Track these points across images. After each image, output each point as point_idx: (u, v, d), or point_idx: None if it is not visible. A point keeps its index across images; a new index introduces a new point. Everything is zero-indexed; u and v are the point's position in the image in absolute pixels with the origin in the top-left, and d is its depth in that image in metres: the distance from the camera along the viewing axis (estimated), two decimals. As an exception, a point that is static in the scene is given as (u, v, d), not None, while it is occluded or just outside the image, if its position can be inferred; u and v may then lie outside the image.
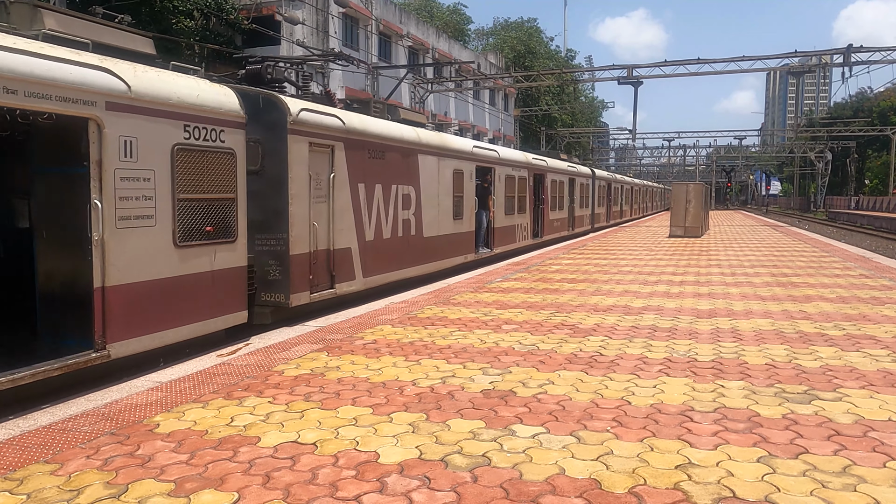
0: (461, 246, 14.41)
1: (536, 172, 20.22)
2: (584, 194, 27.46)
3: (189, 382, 5.08)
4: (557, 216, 23.10)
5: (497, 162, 16.59)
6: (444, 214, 13.32)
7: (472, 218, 14.96)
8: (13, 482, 3.32)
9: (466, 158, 14.63)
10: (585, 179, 27.68)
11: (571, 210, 24.92)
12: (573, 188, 25.25)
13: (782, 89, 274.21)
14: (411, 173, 12.06)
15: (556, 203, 22.82)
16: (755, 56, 26.62)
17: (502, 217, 17.11)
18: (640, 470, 3.43)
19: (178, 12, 25.19)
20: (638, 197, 48.61)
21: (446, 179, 13.54)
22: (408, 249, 11.85)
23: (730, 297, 9.29)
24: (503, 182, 16.92)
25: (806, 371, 5.34)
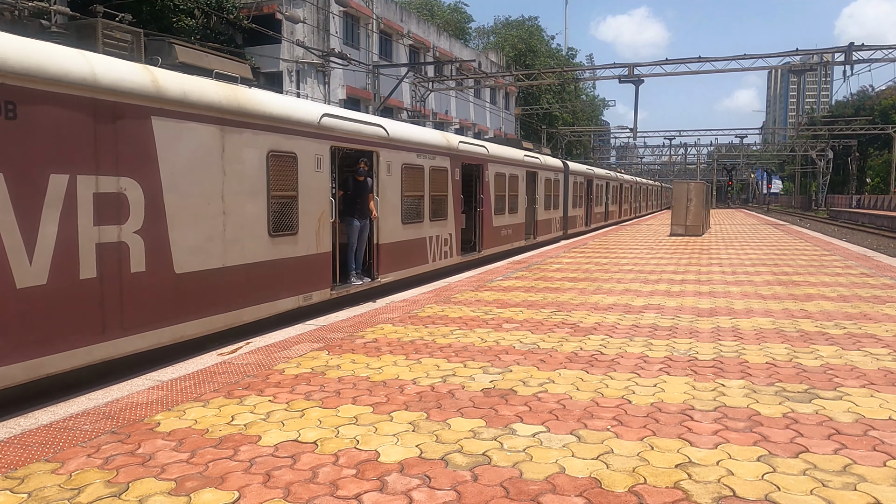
0: (289, 281, 8.76)
1: (469, 162, 15.16)
2: (551, 192, 22.45)
3: (190, 381, 5.08)
4: (508, 222, 17.97)
5: (384, 143, 11.18)
6: (238, 229, 7.82)
7: (322, 231, 9.42)
8: (14, 481, 3.32)
9: (304, 133, 9.01)
10: (554, 174, 22.68)
11: (532, 213, 20.30)
12: (534, 184, 20.51)
13: (784, 88, 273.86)
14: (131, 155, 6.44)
15: (505, 204, 17.77)
16: (756, 54, 26.58)
17: (397, 227, 11.75)
18: (641, 469, 3.43)
19: (179, 11, 25.18)
20: (629, 196, 43.38)
21: (247, 168, 7.92)
22: (103, 301, 6.14)
23: (730, 295, 9.29)
24: (398, 174, 11.74)
25: (806, 370, 5.34)
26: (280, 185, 8.56)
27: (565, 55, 72.17)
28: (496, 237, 17.24)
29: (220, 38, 27.26)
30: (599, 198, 32.00)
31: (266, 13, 28.57)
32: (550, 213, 22.59)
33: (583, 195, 27.94)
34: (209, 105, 7.41)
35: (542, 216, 21.42)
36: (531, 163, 20.18)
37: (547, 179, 21.93)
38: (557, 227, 23.74)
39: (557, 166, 23.73)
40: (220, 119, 7.55)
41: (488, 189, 16.39)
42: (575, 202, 26.36)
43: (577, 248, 17.47)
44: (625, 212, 41.40)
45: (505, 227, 17.81)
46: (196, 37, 25.35)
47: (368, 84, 30.48)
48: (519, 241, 19.10)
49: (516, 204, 18.67)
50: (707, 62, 26.86)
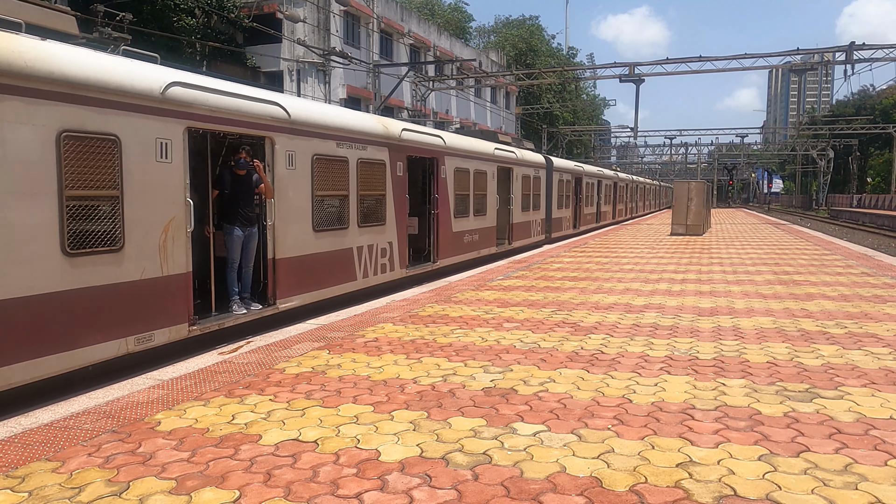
0: (106, 318, 6.23)
1: (419, 154, 12.62)
2: (530, 191, 19.83)
3: (190, 380, 5.08)
4: (473, 226, 15.21)
5: (283, 127, 8.72)
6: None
7: (171, 245, 6.95)
8: (15, 480, 3.32)
9: (134, 107, 6.54)
10: (534, 170, 20.01)
11: (507, 215, 17.81)
12: (509, 182, 17.98)
13: (784, 87, 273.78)
14: None
15: (469, 205, 15.15)
16: (757, 54, 26.56)
17: (306, 236, 9.20)
18: (641, 468, 3.42)
19: (180, 10, 25.18)
20: (625, 195, 40.23)
21: (12, 155, 5.44)
22: None
23: (731, 295, 9.28)
24: (307, 168, 9.21)
25: (807, 369, 5.33)
26: (87, 182, 5.98)
27: (566, 54, 72.14)
28: (457, 244, 14.58)
29: (220, 38, 27.27)
30: (590, 197, 28.98)
31: (266, 12, 28.57)
32: (530, 215, 19.81)
33: (570, 195, 24.95)
34: None
35: (518, 218, 18.67)
36: (504, 157, 17.28)
37: (525, 176, 19.10)
38: (539, 230, 20.96)
39: (538, 162, 20.77)
40: None
41: (446, 187, 13.62)
42: (561, 202, 23.43)
43: (577, 248, 17.47)
44: (620, 212, 37.93)
45: (469, 233, 15.22)
46: (196, 36, 25.37)
47: (369, 83, 30.47)
48: (488, 247, 16.35)
49: (484, 205, 15.86)
50: (708, 61, 26.85)
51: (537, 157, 21.08)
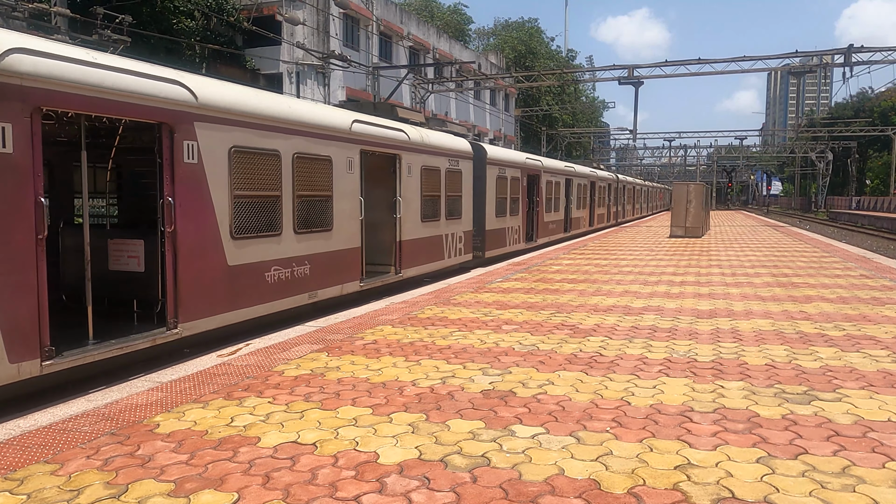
0: None
1: (373, 147, 10.83)
2: (439, 192, 13.76)
3: (189, 382, 5.08)
4: (294, 251, 9.18)
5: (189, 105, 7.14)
6: None
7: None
8: (13, 482, 3.32)
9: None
10: (447, 162, 14.08)
11: (394, 227, 11.95)
12: (397, 178, 11.97)
13: (783, 89, 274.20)
14: None
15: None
16: (756, 56, 26.62)
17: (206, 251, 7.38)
18: (640, 470, 3.43)
19: (179, 12, 25.22)
20: (607, 197, 34.08)
21: None
22: None
23: (730, 297, 9.29)
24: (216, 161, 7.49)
25: (806, 371, 5.34)
26: None
27: (565, 57, 72.25)
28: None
29: (220, 40, 27.30)
30: (556, 200, 23.02)
31: (266, 15, 28.60)
32: (440, 227, 13.68)
33: (522, 197, 19.24)
34: None
35: (413, 233, 12.49)
36: (373, 138, 10.92)
37: (428, 170, 13.03)
38: (459, 247, 14.86)
39: (456, 149, 14.64)
40: None
41: (195, 186, 7.34)
42: (504, 207, 17.76)
43: (576, 250, 17.47)
44: (600, 218, 31.48)
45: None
46: (196, 38, 25.40)
47: (368, 86, 30.50)
48: (336, 283, 9.98)
49: (326, 215, 9.70)
50: (707, 64, 26.90)
51: (457, 143, 14.83)
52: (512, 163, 18.65)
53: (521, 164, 19.45)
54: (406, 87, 32.59)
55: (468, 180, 15.33)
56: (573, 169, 26.20)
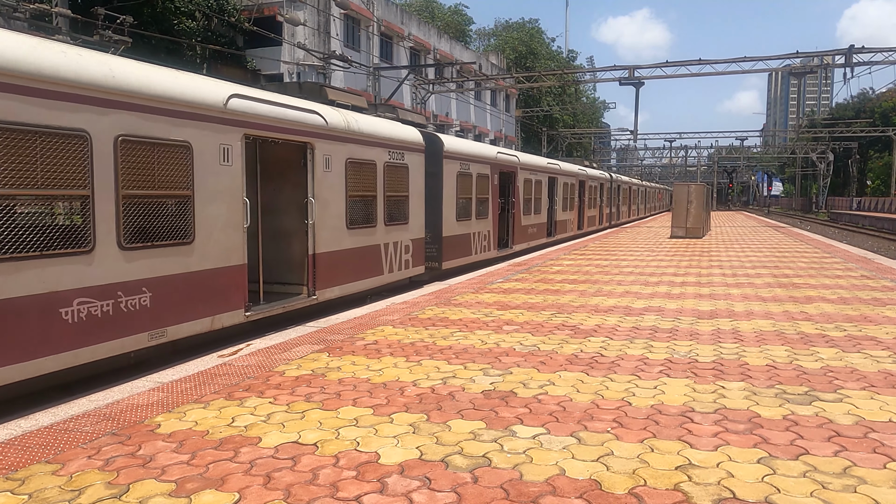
0: None
1: (268, 133, 8.44)
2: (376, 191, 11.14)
3: (190, 383, 5.08)
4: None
5: None
6: None
7: None
8: (15, 482, 3.33)
9: None
10: (386, 154, 11.31)
11: (306, 236, 9.32)
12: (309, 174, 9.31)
13: (784, 90, 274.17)
14: None
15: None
16: (756, 57, 26.62)
17: None
18: (641, 471, 3.43)
19: (180, 13, 25.24)
20: (598, 198, 30.81)
21: None
22: None
23: (731, 298, 9.29)
24: None
25: (807, 372, 5.34)
26: None
27: (566, 57, 72.28)
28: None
29: (220, 41, 27.32)
30: (536, 201, 20.32)
31: (267, 15, 28.63)
32: (374, 235, 10.98)
33: (493, 197, 16.56)
34: None
35: (337, 243, 9.89)
36: (267, 120, 8.43)
37: (358, 164, 10.37)
38: (405, 258, 12.09)
39: (402, 139, 11.86)
40: None
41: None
42: (468, 210, 15.03)
43: (577, 251, 17.47)
44: (591, 221, 28.96)
45: (67, 301, 5.96)
46: (197, 38, 25.43)
47: (369, 86, 30.51)
48: (190, 320, 7.28)
49: (182, 222, 7.20)
50: (707, 64, 26.90)
51: (401, 132, 11.91)
52: (478, 157, 15.68)
53: (491, 160, 16.60)
54: (407, 87, 32.61)
55: (418, 177, 12.55)
56: (558, 166, 23.35)
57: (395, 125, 11.99)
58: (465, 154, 14.88)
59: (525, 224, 19.35)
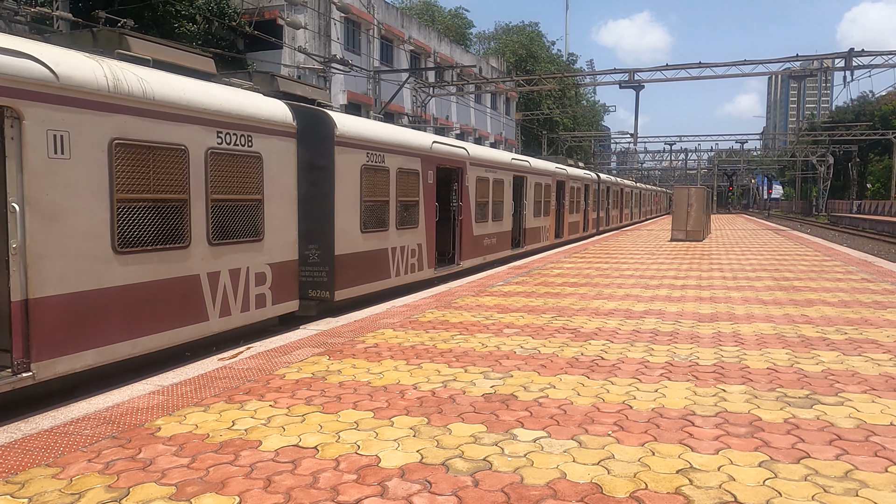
0: None
1: None
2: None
3: (190, 386, 5.08)
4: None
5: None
6: None
7: None
8: (15, 485, 3.32)
9: None
10: (228, 136, 7.69)
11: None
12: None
13: (784, 93, 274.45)
14: None
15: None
16: (756, 60, 26.66)
17: None
18: (642, 474, 3.42)
19: (181, 17, 25.28)
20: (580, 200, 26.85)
21: None
22: None
23: (731, 301, 9.28)
24: None
25: (808, 375, 5.33)
26: None
27: (566, 60, 72.35)
28: None
29: (221, 44, 27.36)
30: (497, 205, 16.79)
31: (267, 19, 28.65)
32: (182, 262, 7.10)
33: (425, 200, 12.81)
34: None
35: (73, 279, 5.85)
36: None
37: (141, 150, 6.57)
38: (251, 294, 8.15)
39: (232, 114, 7.85)
40: None
41: None
42: (382, 217, 11.22)
43: (577, 254, 17.47)
44: (573, 227, 25.48)
45: None
46: (198, 42, 25.46)
47: (369, 89, 30.53)
48: None
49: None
50: (707, 68, 26.92)
51: (250, 104, 8.27)
52: (398, 147, 11.60)
53: (422, 151, 12.46)
54: (407, 90, 32.63)
55: (284, 172, 8.67)
56: (527, 163, 19.71)
57: (230, 93, 8.03)
58: (372, 141, 10.72)
59: (479, 234, 15.58)
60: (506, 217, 17.51)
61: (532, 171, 19.96)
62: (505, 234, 17.54)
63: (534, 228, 20.35)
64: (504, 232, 17.47)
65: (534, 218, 20.17)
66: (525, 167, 19.38)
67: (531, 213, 19.81)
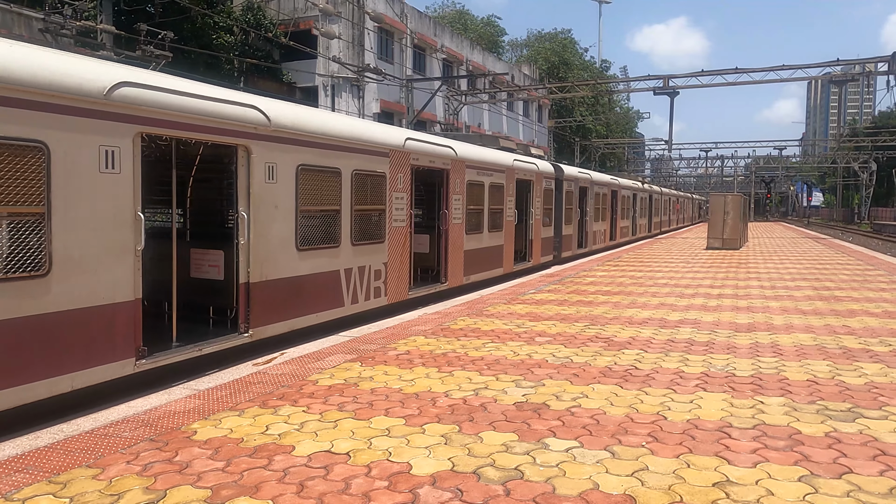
0: None
1: None
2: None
3: (225, 391, 5.16)
4: None
5: None
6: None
7: None
8: (57, 485, 3.41)
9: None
10: None
11: None
12: None
13: (824, 98, 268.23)
14: None
15: None
16: (795, 65, 26.12)
17: None
18: (677, 487, 3.36)
19: (219, 28, 25.85)
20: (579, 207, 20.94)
21: None
22: None
23: (769, 310, 9.08)
24: None
25: (850, 388, 5.18)
26: None
27: (599, 67, 71.92)
28: None
29: (257, 54, 27.87)
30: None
31: (302, 29, 29.12)
32: None
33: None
34: None
35: None
36: None
37: None
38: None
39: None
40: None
41: None
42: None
43: (610, 262, 17.29)
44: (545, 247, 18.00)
45: None
46: (235, 52, 25.98)
47: (402, 98, 30.76)
48: None
49: None
50: (744, 73, 26.49)
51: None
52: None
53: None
54: (439, 98, 32.78)
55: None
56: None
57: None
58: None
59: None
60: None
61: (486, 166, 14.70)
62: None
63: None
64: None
65: (484, 233, 14.51)
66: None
67: (488, 228, 14.21)
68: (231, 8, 27.89)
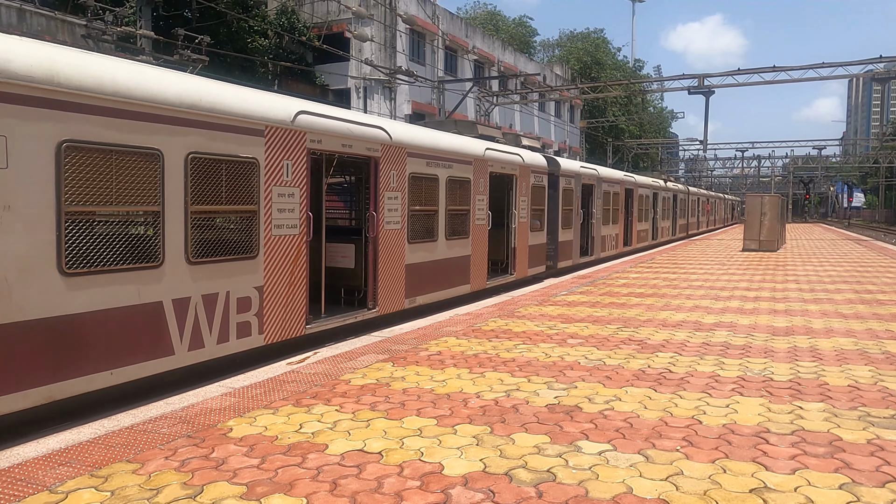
0: None
1: None
2: None
3: (260, 389, 5.24)
4: None
5: None
6: None
7: None
8: (99, 479, 3.50)
9: None
10: None
11: None
12: None
13: (866, 96, 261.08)
14: None
15: None
16: (835, 62, 25.45)
17: None
18: (712, 492, 3.31)
19: (254, 32, 26.25)
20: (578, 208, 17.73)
21: None
22: None
23: (808, 314, 8.87)
24: None
25: (893, 394, 5.04)
26: None
27: (632, 67, 71.11)
28: None
29: (291, 57, 28.24)
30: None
31: (335, 32, 29.38)
32: None
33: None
34: None
35: None
36: None
37: None
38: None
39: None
40: None
41: None
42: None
43: (644, 263, 17.08)
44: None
45: None
46: (269, 56, 26.35)
47: (434, 99, 30.84)
48: None
49: None
50: (782, 71, 25.91)
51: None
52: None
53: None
54: (471, 99, 32.77)
55: None
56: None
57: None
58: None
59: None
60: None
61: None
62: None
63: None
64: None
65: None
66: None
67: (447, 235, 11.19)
68: (266, 12, 28.30)
